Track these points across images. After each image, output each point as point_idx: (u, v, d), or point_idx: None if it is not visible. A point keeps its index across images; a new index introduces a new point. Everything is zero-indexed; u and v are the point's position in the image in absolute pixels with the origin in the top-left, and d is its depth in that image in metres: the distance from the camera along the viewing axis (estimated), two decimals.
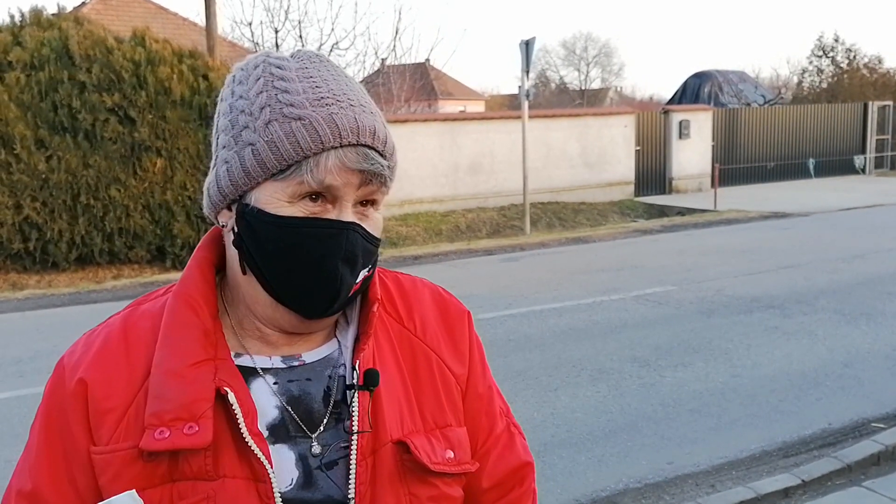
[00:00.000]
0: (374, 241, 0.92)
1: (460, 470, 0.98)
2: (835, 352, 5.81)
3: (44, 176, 10.03)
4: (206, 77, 10.74)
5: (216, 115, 0.94)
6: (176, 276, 10.91)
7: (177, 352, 0.89)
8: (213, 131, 0.94)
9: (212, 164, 0.94)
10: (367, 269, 0.93)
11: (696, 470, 4.07)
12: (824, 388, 5.10)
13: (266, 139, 0.85)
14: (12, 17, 10.58)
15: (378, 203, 0.92)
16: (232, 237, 0.92)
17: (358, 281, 0.92)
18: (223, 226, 0.94)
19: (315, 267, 0.88)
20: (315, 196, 0.87)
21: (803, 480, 3.81)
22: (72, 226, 10.28)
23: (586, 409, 4.86)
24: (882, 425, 4.46)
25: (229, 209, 0.92)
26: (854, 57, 26.53)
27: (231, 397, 0.88)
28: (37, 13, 10.64)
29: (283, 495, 0.88)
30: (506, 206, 15.47)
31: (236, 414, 0.87)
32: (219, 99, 0.94)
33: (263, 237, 0.88)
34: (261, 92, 0.87)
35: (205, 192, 0.94)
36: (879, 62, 26.37)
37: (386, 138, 0.90)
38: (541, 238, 12.74)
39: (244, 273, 0.92)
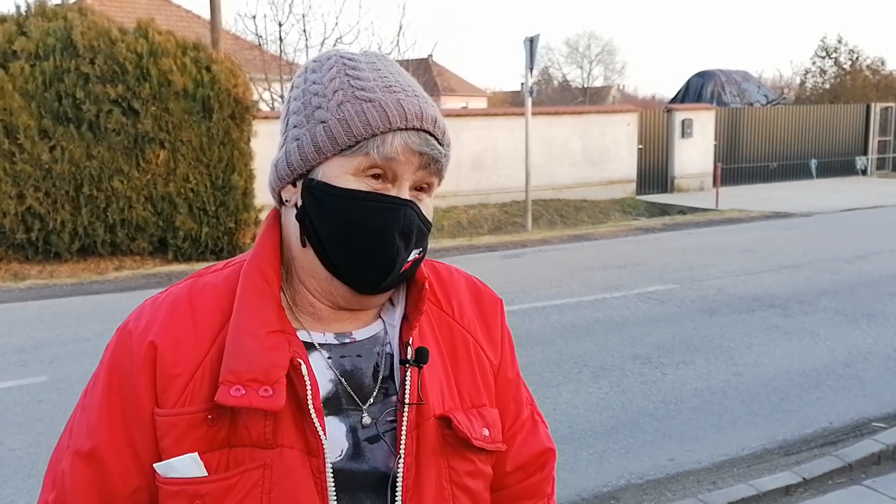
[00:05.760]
0: (427, 224, 0.98)
1: (495, 447, 1.03)
2: (836, 351, 5.82)
3: (47, 166, 10.03)
4: (209, 69, 10.71)
5: (286, 101, 1.00)
6: (178, 268, 10.78)
7: (255, 317, 0.93)
8: (283, 116, 1.00)
9: (280, 144, 0.99)
10: (419, 250, 0.98)
11: (698, 467, 4.08)
12: (825, 388, 5.11)
13: (338, 117, 0.92)
14: (17, 6, 10.58)
15: (431, 189, 0.99)
16: (294, 212, 0.96)
17: (410, 259, 0.96)
18: (286, 201, 0.99)
19: (374, 238, 0.93)
20: (377, 175, 0.93)
21: (804, 478, 3.82)
22: (74, 216, 10.29)
23: (588, 406, 4.87)
24: (883, 425, 4.48)
25: (293, 185, 0.97)
26: (857, 58, 26.50)
27: (303, 369, 0.92)
28: (41, 3, 10.63)
29: (333, 465, 0.92)
30: (508, 203, 15.47)
31: (307, 386, 0.91)
32: (291, 87, 1.01)
33: (327, 209, 0.93)
34: (334, 78, 0.95)
35: (272, 169, 0.99)
36: (882, 64, 26.36)
37: (445, 130, 0.98)
38: (543, 235, 12.75)
39: (304, 246, 0.96)
